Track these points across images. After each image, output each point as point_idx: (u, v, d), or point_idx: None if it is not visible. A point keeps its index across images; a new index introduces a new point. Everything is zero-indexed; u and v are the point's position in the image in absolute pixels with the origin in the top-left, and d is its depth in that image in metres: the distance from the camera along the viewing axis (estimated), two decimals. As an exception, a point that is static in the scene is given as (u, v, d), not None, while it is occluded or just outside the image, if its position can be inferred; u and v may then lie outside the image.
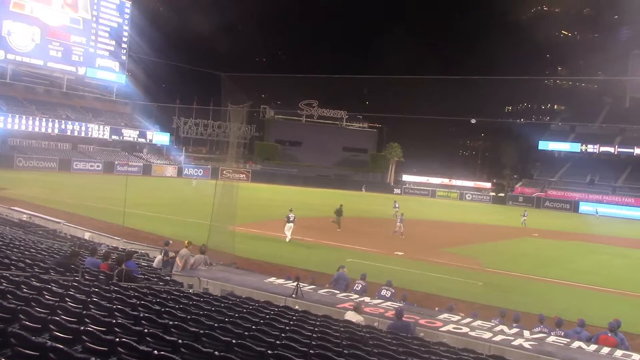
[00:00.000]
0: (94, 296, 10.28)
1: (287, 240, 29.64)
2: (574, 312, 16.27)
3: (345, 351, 9.16)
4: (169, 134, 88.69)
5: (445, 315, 14.95)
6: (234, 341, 8.54)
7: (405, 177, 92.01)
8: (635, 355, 13.10)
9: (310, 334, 10.31)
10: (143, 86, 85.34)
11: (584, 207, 74.51)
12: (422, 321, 14.00)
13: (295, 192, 65.77)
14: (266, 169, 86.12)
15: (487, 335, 13.45)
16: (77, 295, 10.14)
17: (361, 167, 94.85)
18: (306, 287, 16.50)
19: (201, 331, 8.85)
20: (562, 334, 14.34)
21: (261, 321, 10.86)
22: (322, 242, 30.50)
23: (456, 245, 34.78)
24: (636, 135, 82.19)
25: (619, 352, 13.19)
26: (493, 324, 14.41)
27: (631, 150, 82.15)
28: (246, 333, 9.42)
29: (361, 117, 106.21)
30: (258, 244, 28.31)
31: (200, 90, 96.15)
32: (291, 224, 30.01)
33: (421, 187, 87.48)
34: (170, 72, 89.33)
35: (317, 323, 11.52)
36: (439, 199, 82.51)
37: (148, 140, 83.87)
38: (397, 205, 45.00)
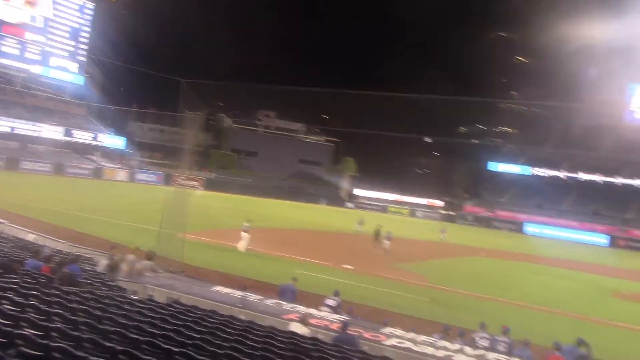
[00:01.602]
0: (33, 299, 10.01)
1: (241, 250, 29.44)
2: (519, 330, 16.56)
3: (288, 362, 9.14)
4: (124, 137, 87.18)
5: (390, 329, 15.05)
6: (175, 349, 8.43)
7: (358, 192, 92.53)
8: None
9: (254, 344, 10.25)
10: (100, 88, 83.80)
11: (529, 229, 76.31)
12: (366, 334, 14.07)
13: (249, 202, 65.45)
14: (221, 177, 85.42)
15: (430, 350, 13.60)
16: (15, 297, 9.85)
17: (316, 180, 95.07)
18: (253, 297, 16.41)
19: (142, 338, 8.70)
20: (508, 341, 14.73)
21: (205, 330, 10.74)
22: (273, 253, 30.37)
23: (406, 261, 35.10)
24: (582, 161, 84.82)
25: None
26: (436, 339, 14.57)
27: (577, 176, 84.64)
28: (189, 342, 9.30)
29: (318, 130, 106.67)
30: (208, 253, 28.03)
31: (158, 96, 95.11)
32: (246, 234, 29.87)
33: (373, 202, 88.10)
34: (128, 76, 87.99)
35: (262, 333, 11.46)
36: (391, 214, 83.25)
37: (102, 143, 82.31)
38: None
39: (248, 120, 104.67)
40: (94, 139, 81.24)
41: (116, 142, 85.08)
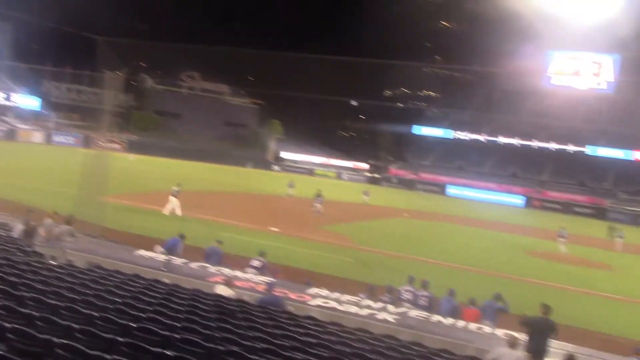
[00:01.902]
0: (-59, 266, 9.54)
1: (168, 214, 29.03)
2: (440, 288, 17.11)
3: (214, 324, 9.12)
4: (38, 98, 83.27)
5: (315, 290, 15.26)
6: (96, 314, 8.25)
7: (285, 155, 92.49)
8: (487, 329, 14.07)
9: (178, 307, 10.17)
10: (11, 46, 79.38)
11: (451, 190, 78.67)
12: (292, 295, 14.21)
13: (174, 165, 64.29)
14: (143, 140, 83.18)
15: (354, 309, 13.90)
16: None
17: (242, 143, 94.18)
18: (177, 261, 16.24)
19: (61, 304, 8.46)
20: (428, 294, 15.30)
21: (128, 294, 10.56)
22: (199, 216, 30.05)
23: (332, 223, 35.53)
24: (502, 125, 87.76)
25: (473, 326, 14.12)
26: (360, 299, 14.90)
27: (497, 139, 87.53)
28: (110, 306, 9.13)
29: (244, 92, 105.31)
30: (130, 216, 27.44)
31: (74, 54, 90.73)
32: (175, 199, 29.48)
33: (300, 165, 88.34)
34: (42, 33, 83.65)
35: (187, 296, 11.38)
36: (317, 177, 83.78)
37: (15, 104, 78.43)
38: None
39: (171, 81, 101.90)
40: (7, 99, 77.34)
41: (31, 102, 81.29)
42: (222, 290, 12.96)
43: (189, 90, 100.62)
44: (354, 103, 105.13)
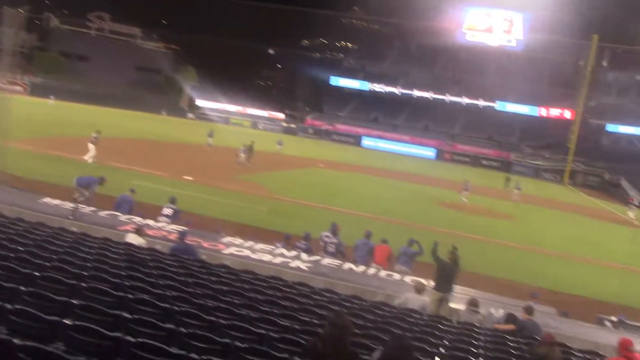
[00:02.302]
0: None
1: (91, 161, 28.12)
2: (354, 237, 17.45)
3: (124, 273, 8.94)
4: None
5: (229, 238, 15.23)
6: (-4, 263, 7.89)
7: (200, 103, 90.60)
8: (397, 276, 14.55)
9: (86, 255, 9.88)
10: None
11: (366, 142, 79.88)
12: (205, 244, 14.13)
13: (83, 110, 61.68)
14: (48, 82, 78.98)
15: (268, 257, 14.00)
16: None
17: (154, 89, 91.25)
18: (86, 209, 15.74)
19: (-43, 253, 8.03)
20: (336, 240, 15.64)
21: (32, 243, 10.15)
22: (109, 164, 29.08)
23: (247, 172, 35.35)
24: (417, 78, 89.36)
25: (383, 273, 14.57)
26: (274, 248, 15.00)
27: (412, 93, 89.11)
28: (12, 255, 8.74)
29: (157, 36, 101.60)
30: (34, 162, 26.24)
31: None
32: (93, 146, 28.56)
33: (215, 114, 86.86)
34: None
35: (95, 245, 11.07)
36: (233, 126, 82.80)
37: None
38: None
39: (78, 22, 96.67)
40: None
41: None
42: (133, 238, 12.69)
43: (97, 31, 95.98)
44: (271, 51, 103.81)
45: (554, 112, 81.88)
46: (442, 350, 8.25)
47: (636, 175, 63.54)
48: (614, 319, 15.05)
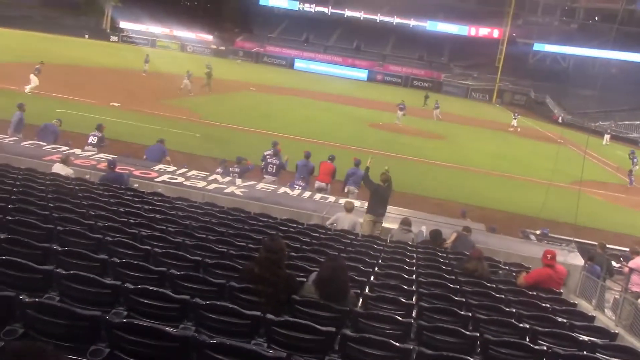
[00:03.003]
0: None
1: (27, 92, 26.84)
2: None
3: (51, 204, 8.68)
4: None
5: (161, 166, 14.98)
6: None
7: (124, 24, 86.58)
8: (331, 198, 14.75)
9: (10, 188, 9.51)
10: None
11: (298, 64, 78.88)
12: (136, 172, 13.86)
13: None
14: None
15: (202, 184, 13.89)
16: None
17: (71, 9, 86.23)
18: (6, 139, 15.08)
19: None
20: (277, 161, 16.17)
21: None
22: (32, 92, 27.71)
23: (176, 97, 34.49)
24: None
25: (317, 196, 14.74)
26: (208, 174, 14.88)
27: (343, 12, 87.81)
28: None
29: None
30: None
31: None
32: (35, 77, 27.33)
33: (140, 36, 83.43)
34: None
35: (20, 177, 10.67)
36: (160, 49, 79.91)
37: None
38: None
39: None
40: None
41: None
42: (60, 169, 12.30)
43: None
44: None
45: (483, 31, 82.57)
46: (377, 270, 8.50)
47: (560, 93, 65.82)
48: (537, 232, 15.87)
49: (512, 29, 76.33)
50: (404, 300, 6.56)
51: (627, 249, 13.75)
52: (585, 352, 5.99)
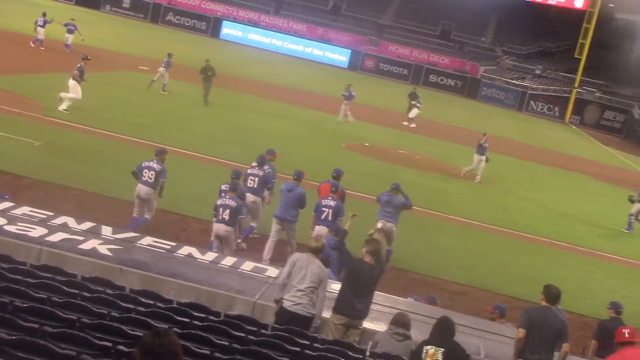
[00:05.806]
0: None
1: None
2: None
3: None
4: None
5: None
6: None
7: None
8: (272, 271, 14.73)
9: None
10: None
11: (228, 31, 78.73)
12: None
13: None
14: None
15: (39, 231, 13.65)
16: None
17: None
18: None
19: None
20: (261, 172, 18.13)
21: None
22: None
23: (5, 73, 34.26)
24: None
25: (249, 264, 14.71)
26: (53, 214, 14.67)
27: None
28: None
29: None
30: None
31: None
32: None
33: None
34: None
35: None
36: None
37: None
38: None
39: None
40: None
41: None
42: None
43: None
44: None
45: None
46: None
47: None
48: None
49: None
50: None
51: None
52: None
